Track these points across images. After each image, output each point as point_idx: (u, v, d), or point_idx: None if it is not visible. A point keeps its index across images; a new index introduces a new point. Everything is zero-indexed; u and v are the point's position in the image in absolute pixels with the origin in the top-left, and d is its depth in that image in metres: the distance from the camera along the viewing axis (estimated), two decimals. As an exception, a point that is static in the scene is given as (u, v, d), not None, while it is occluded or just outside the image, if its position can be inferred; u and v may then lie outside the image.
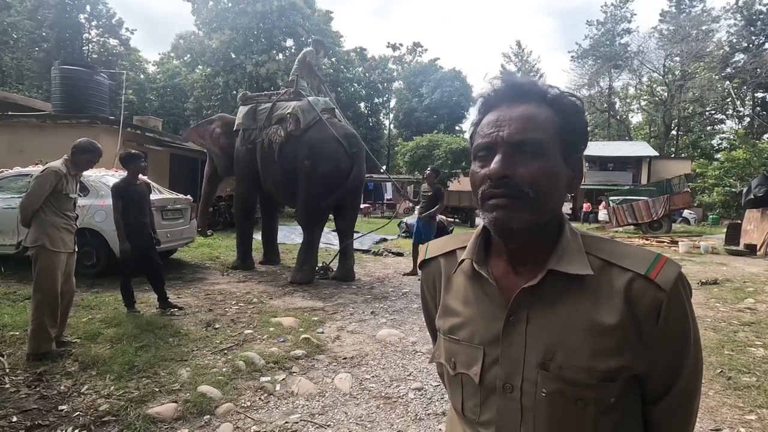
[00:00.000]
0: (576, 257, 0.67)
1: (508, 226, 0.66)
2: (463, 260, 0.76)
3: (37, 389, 2.80)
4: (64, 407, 2.61)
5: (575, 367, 0.64)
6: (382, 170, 9.92)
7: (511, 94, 0.69)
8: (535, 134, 0.66)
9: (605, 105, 42.98)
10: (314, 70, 7.38)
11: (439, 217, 14.11)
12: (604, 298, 0.65)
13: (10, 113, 11.08)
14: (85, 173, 6.12)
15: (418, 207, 7.12)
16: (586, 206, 25.20)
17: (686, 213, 23.00)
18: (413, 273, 7.01)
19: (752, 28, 34.24)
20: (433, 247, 0.85)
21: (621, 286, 0.65)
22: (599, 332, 0.64)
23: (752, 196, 11.53)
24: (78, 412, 2.56)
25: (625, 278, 0.65)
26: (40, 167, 6.48)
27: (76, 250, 3.52)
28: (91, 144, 3.48)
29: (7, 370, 3.01)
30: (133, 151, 4.68)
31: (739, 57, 34.97)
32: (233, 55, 27.13)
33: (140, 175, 4.64)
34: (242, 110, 7.08)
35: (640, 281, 0.64)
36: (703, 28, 36.09)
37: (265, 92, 7.95)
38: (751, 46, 34.31)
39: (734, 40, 35.16)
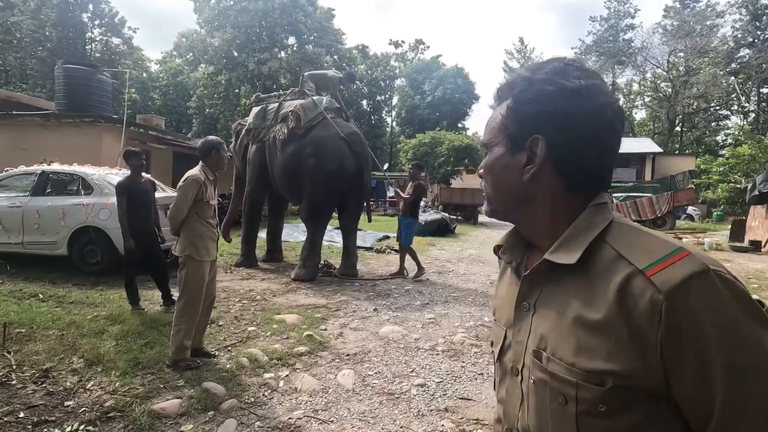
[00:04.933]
0: (573, 246, 0.64)
1: (485, 214, 0.79)
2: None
3: (44, 385, 2.83)
4: (70, 403, 2.64)
5: (559, 360, 0.62)
6: (384, 169, 9.97)
7: (498, 96, 0.75)
8: (486, 134, 0.74)
9: (609, 101, 42.68)
10: (334, 93, 7.43)
11: (442, 214, 14.15)
12: (599, 293, 0.60)
13: (14, 112, 11.12)
14: (88, 171, 6.23)
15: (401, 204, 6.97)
16: None
17: (690, 209, 22.89)
18: (400, 273, 6.90)
19: (757, 23, 33.97)
20: (503, 235, 0.90)
21: (617, 282, 0.58)
22: (583, 327, 0.60)
23: (757, 192, 11.46)
24: (84, 408, 2.58)
25: (624, 273, 0.58)
26: (45, 166, 6.57)
27: (217, 257, 3.50)
28: (208, 142, 3.43)
29: (14, 367, 3.03)
30: (133, 148, 4.75)
31: (744, 52, 34.69)
32: (235, 53, 27.11)
33: (144, 173, 4.67)
34: (254, 111, 7.30)
35: (638, 278, 0.57)
36: (708, 23, 35.82)
37: (275, 93, 8.07)
38: (756, 41, 34.02)
39: (739, 35, 34.89)
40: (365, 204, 7.20)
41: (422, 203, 6.97)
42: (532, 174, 0.67)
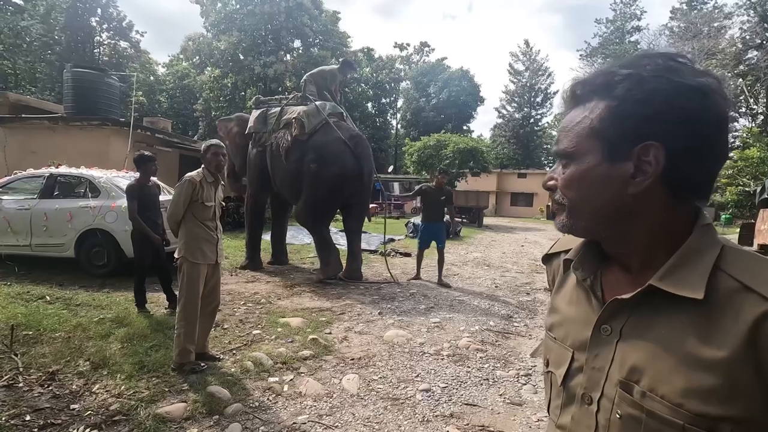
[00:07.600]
0: (692, 275, 0.57)
1: (559, 229, 0.68)
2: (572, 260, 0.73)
3: (50, 388, 2.85)
4: (75, 406, 2.65)
5: (661, 398, 0.55)
6: (388, 171, 9.94)
7: (572, 97, 0.66)
8: (566, 141, 0.64)
9: (615, 103, 42.49)
10: (331, 89, 7.42)
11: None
12: (722, 328, 0.54)
13: (23, 115, 11.25)
14: (95, 174, 6.28)
15: (421, 210, 7.04)
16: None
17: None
18: (417, 278, 6.97)
19: (766, 25, 33.67)
20: (560, 243, 0.81)
21: (750, 319, 0.52)
22: (696, 365, 0.54)
23: (766, 196, 11.33)
24: (89, 411, 2.59)
25: (758, 309, 0.52)
26: (53, 169, 6.63)
27: (219, 262, 3.44)
28: (206, 144, 3.50)
29: (21, 369, 3.05)
30: (146, 152, 4.75)
31: (753, 54, 34.40)
32: (241, 57, 27.32)
33: (151, 177, 4.71)
34: (254, 114, 7.29)
35: None
36: (715, 24, 35.58)
37: (276, 96, 8.08)
38: (764, 42, 33.73)
39: (747, 37, 34.60)
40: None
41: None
42: (645, 187, 0.58)
